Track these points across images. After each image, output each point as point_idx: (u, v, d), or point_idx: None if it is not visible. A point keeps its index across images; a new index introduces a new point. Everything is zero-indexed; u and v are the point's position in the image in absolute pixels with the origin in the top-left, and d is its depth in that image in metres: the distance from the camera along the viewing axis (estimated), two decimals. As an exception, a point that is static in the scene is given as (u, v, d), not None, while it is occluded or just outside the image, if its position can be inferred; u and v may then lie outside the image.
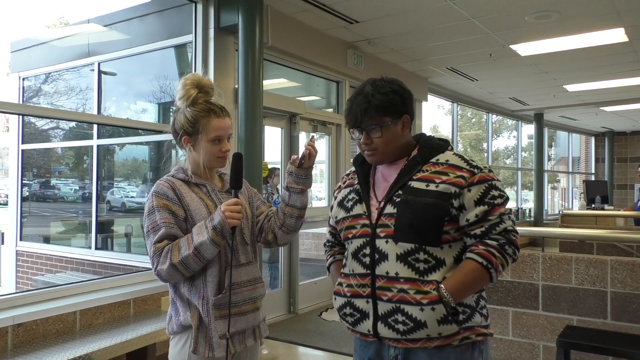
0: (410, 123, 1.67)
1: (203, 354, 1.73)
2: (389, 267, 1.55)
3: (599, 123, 13.56)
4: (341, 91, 6.38)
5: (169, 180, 1.81)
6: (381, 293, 1.56)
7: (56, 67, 6.72)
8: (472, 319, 1.56)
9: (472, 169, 1.58)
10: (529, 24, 5.45)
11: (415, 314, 1.50)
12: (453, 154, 1.63)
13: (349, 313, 1.63)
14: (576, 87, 8.83)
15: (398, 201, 1.57)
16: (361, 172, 1.73)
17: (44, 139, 7.67)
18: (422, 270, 1.53)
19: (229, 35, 4.62)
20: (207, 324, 1.74)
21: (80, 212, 7.55)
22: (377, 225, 1.59)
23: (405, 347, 1.56)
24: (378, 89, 1.64)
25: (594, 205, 9.40)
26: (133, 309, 3.67)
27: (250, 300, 1.84)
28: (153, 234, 1.73)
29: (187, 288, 1.76)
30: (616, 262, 3.45)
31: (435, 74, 7.79)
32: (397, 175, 1.63)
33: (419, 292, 1.51)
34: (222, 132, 1.82)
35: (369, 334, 1.60)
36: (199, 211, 1.77)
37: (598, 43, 6.14)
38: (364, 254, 1.61)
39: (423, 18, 5.32)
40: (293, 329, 5.02)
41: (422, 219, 1.53)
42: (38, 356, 2.80)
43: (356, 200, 1.68)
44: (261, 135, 4.51)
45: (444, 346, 1.53)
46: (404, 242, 1.54)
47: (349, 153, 6.48)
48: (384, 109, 1.61)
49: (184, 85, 1.83)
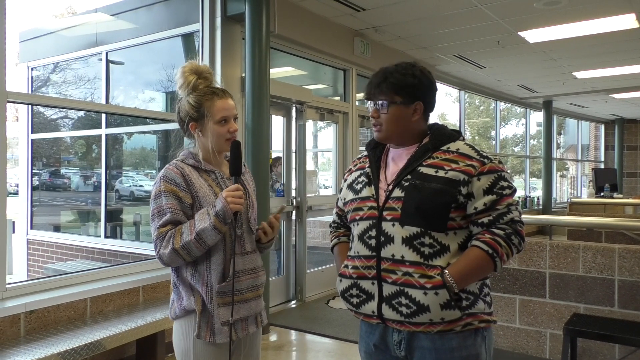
0: (423, 111, 1.67)
1: (204, 338, 1.76)
2: (394, 250, 1.57)
3: (609, 110, 13.42)
4: (348, 79, 6.35)
5: (178, 165, 1.81)
6: (386, 275, 1.58)
7: (64, 56, 6.74)
8: (475, 305, 1.57)
9: (482, 158, 1.59)
10: (538, 10, 5.39)
11: (419, 298, 1.52)
12: (464, 144, 1.64)
13: (355, 294, 1.65)
14: (586, 74, 8.74)
15: (406, 185, 1.59)
16: (373, 155, 1.75)
17: (53, 129, 7.72)
18: (427, 254, 1.55)
19: (235, 24, 4.61)
20: (210, 310, 1.76)
21: (90, 201, 7.62)
22: (384, 208, 1.61)
23: (408, 330, 1.57)
24: (399, 68, 1.68)
25: (602, 193, 9.33)
26: (142, 296, 3.72)
27: (253, 288, 1.86)
28: (158, 218, 1.75)
29: (191, 273, 1.78)
30: (624, 250, 3.44)
31: (442, 61, 7.74)
32: (407, 160, 1.64)
33: (423, 276, 1.53)
34: (227, 112, 1.83)
35: (373, 315, 1.61)
36: (207, 198, 1.78)
37: (608, 29, 6.07)
38: (370, 236, 1.62)
39: (430, 5, 5.28)
40: (300, 317, 5.06)
41: (430, 204, 1.54)
42: (50, 342, 2.85)
43: (365, 183, 1.70)
44: (268, 124, 4.51)
45: (446, 331, 1.54)
46: (410, 225, 1.56)
47: (356, 141, 6.47)
48: (397, 87, 1.64)
49: (182, 73, 1.84)
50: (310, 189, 6.20)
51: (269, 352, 4.15)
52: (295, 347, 4.44)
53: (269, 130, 4.59)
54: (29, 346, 2.80)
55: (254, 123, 4.33)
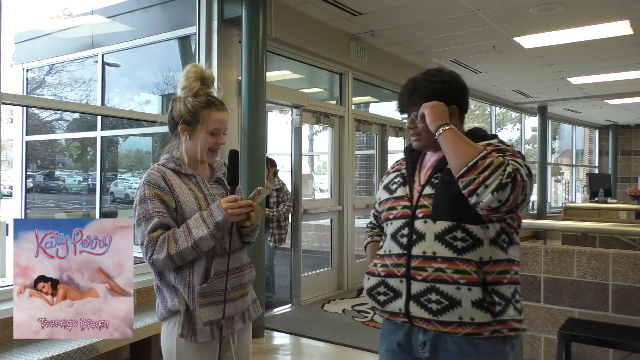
0: (458, 114, 1.70)
1: (187, 337, 1.78)
2: (426, 246, 1.58)
3: (603, 116, 13.50)
4: (344, 83, 6.37)
5: (160, 169, 1.83)
6: (416, 273, 1.58)
7: (60, 58, 6.72)
8: (506, 311, 1.55)
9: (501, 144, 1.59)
10: (533, 16, 5.42)
11: (451, 292, 1.52)
12: (497, 141, 1.64)
13: (382, 292, 1.66)
14: (580, 79, 8.79)
15: (436, 182, 1.62)
16: (410, 158, 1.79)
17: (47, 131, 7.70)
18: (460, 248, 1.55)
19: (232, 27, 4.62)
20: (192, 310, 1.78)
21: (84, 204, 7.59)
22: (416, 206, 1.63)
23: (435, 330, 1.56)
24: (427, 77, 1.70)
25: (597, 198, 9.38)
26: (137, 299, 3.70)
27: (238, 287, 1.88)
28: (145, 222, 1.75)
29: (173, 275, 1.80)
30: (618, 255, 3.46)
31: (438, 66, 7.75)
32: (439, 159, 1.66)
33: (457, 272, 1.53)
34: (220, 125, 1.86)
35: (399, 313, 1.61)
36: (188, 203, 1.80)
37: (603, 35, 6.11)
38: (402, 235, 1.64)
39: (426, 10, 5.30)
40: (295, 320, 5.05)
41: (459, 197, 1.52)
42: (43, 346, 2.83)
43: (400, 183, 1.74)
44: (264, 127, 4.52)
45: (473, 335, 1.53)
46: (442, 220, 1.57)
47: (352, 145, 6.48)
48: (428, 95, 1.65)
49: (187, 76, 1.85)
50: (306, 192, 6.20)
51: (264, 355, 4.14)
52: (290, 351, 4.43)
53: (265, 134, 4.59)
54: (21, 350, 2.78)
55: (250, 126, 4.33)
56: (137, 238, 1.78)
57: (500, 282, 1.56)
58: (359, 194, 8.22)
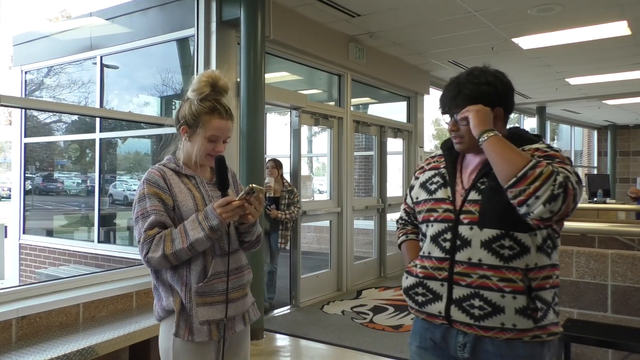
0: (504, 116, 1.64)
1: (183, 337, 1.78)
2: (471, 253, 1.55)
3: (602, 116, 13.51)
4: (343, 84, 6.37)
5: (160, 169, 1.85)
6: (459, 278, 1.56)
7: (58, 60, 6.72)
8: (546, 316, 1.54)
9: (549, 149, 1.55)
10: (532, 16, 5.43)
11: (495, 300, 1.50)
12: (542, 143, 1.61)
13: (420, 293, 1.65)
14: (579, 80, 8.80)
15: (482, 188, 1.57)
16: (449, 157, 1.73)
17: (46, 133, 7.68)
18: (506, 256, 1.52)
19: (231, 28, 4.62)
20: (189, 310, 1.79)
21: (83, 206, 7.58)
22: (460, 211, 1.59)
23: (476, 334, 1.55)
24: (471, 78, 1.64)
25: (595, 198, 9.38)
26: (136, 301, 3.69)
27: (238, 288, 1.88)
28: (142, 220, 1.77)
29: (170, 274, 1.81)
30: (617, 256, 3.46)
31: (437, 67, 7.77)
32: (483, 162, 1.61)
33: (502, 280, 1.51)
34: (219, 132, 1.86)
35: (438, 316, 1.61)
36: (185, 203, 1.81)
37: (601, 36, 6.11)
38: (445, 239, 1.61)
39: (425, 11, 5.30)
40: (295, 322, 5.04)
41: (508, 205, 1.48)
42: (42, 348, 2.82)
43: (441, 184, 1.68)
44: (263, 129, 4.52)
45: (513, 340, 1.52)
46: (490, 228, 1.54)
47: (351, 146, 6.48)
48: (472, 98, 1.60)
49: (200, 79, 1.86)
50: (305, 194, 6.20)
51: (263, 357, 4.13)
52: (289, 352, 4.43)
53: (264, 136, 4.59)
54: (20, 352, 2.78)
55: (249, 128, 4.33)
56: (135, 235, 1.80)
57: (544, 288, 1.55)
58: (358, 195, 8.22)
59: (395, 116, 7.77)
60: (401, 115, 7.96)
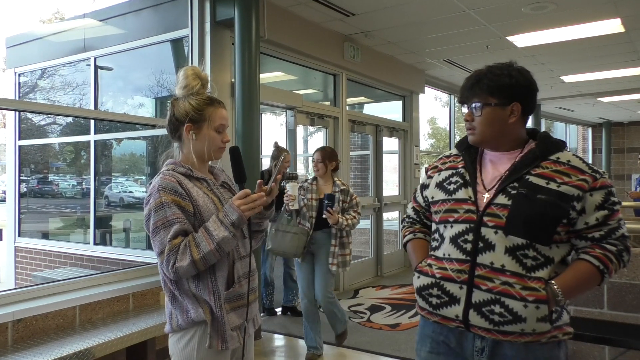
0: (521, 112, 1.61)
1: (217, 347, 1.73)
2: (494, 258, 1.52)
3: (596, 114, 13.56)
4: (338, 84, 6.37)
5: (173, 174, 1.76)
6: (480, 282, 1.52)
7: (52, 62, 6.69)
8: (561, 317, 1.55)
9: (594, 173, 1.54)
10: (526, 15, 5.44)
11: (517, 309, 1.48)
12: (573, 155, 1.59)
13: (435, 294, 1.60)
14: (573, 78, 8.83)
15: (514, 193, 1.53)
16: (468, 156, 1.69)
17: (41, 135, 7.66)
18: (529, 266, 1.50)
19: (225, 29, 4.61)
20: (220, 317, 1.73)
21: (79, 208, 7.55)
22: (484, 213, 1.55)
23: (494, 338, 1.53)
24: (494, 69, 1.62)
25: (591, 196, 9.42)
26: (132, 303, 3.68)
27: (252, 291, 1.88)
28: (164, 230, 1.68)
29: (194, 284, 1.74)
30: (613, 252, 3.47)
31: (432, 66, 7.78)
32: (512, 165, 1.59)
33: (525, 288, 1.48)
34: (225, 121, 1.85)
35: (455, 319, 1.57)
36: (206, 207, 1.75)
37: (594, 34, 6.14)
38: (466, 240, 1.57)
39: (419, 10, 5.31)
40: (292, 322, 5.03)
41: (540, 217, 1.48)
42: (38, 351, 2.81)
43: (461, 184, 1.64)
44: (258, 129, 4.51)
45: (532, 342, 1.52)
46: (515, 235, 1.51)
47: (347, 146, 6.48)
48: (491, 88, 1.58)
49: (186, 75, 1.84)
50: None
51: (262, 358, 4.13)
52: (287, 353, 4.42)
53: (259, 136, 4.58)
54: (16, 355, 2.76)
55: (244, 128, 4.32)
56: (155, 247, 1.71)
57: None
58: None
59: (390, 115, 7.78)
60: (397, 115, 7.97)
